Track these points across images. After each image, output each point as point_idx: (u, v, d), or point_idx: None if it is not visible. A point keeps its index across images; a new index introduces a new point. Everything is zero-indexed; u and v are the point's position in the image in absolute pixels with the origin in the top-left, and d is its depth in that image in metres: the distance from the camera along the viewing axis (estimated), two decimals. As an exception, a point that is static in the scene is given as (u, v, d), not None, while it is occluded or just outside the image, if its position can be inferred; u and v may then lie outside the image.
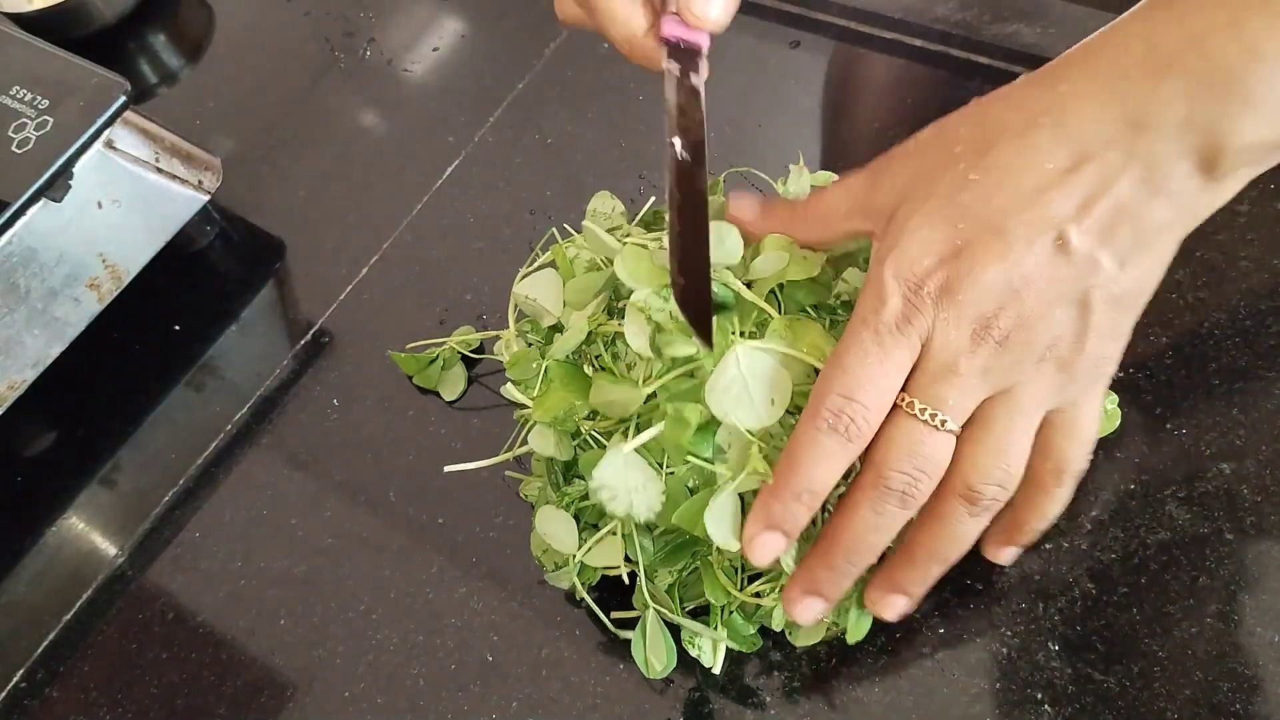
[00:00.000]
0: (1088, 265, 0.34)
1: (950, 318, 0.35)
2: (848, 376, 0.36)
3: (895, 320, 0.35)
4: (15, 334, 0.53)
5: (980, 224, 0.35)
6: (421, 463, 0.51)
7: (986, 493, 0.36)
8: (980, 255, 0.34)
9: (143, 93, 0.70)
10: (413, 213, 0.60)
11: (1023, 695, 0.41)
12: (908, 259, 0.35)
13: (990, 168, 0.35)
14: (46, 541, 0.53)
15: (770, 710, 0.42)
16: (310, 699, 0.46)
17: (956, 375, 0.35)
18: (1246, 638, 0.41)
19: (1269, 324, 0.47)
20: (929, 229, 0.35)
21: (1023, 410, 0.36)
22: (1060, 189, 0.34)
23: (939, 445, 0.36)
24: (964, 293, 0.34)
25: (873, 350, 0.35)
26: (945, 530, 0.38)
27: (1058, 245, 0.34)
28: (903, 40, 0.60)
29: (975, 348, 0.35)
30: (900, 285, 0.35)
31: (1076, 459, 0.38)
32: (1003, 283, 0.34)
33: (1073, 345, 0.35)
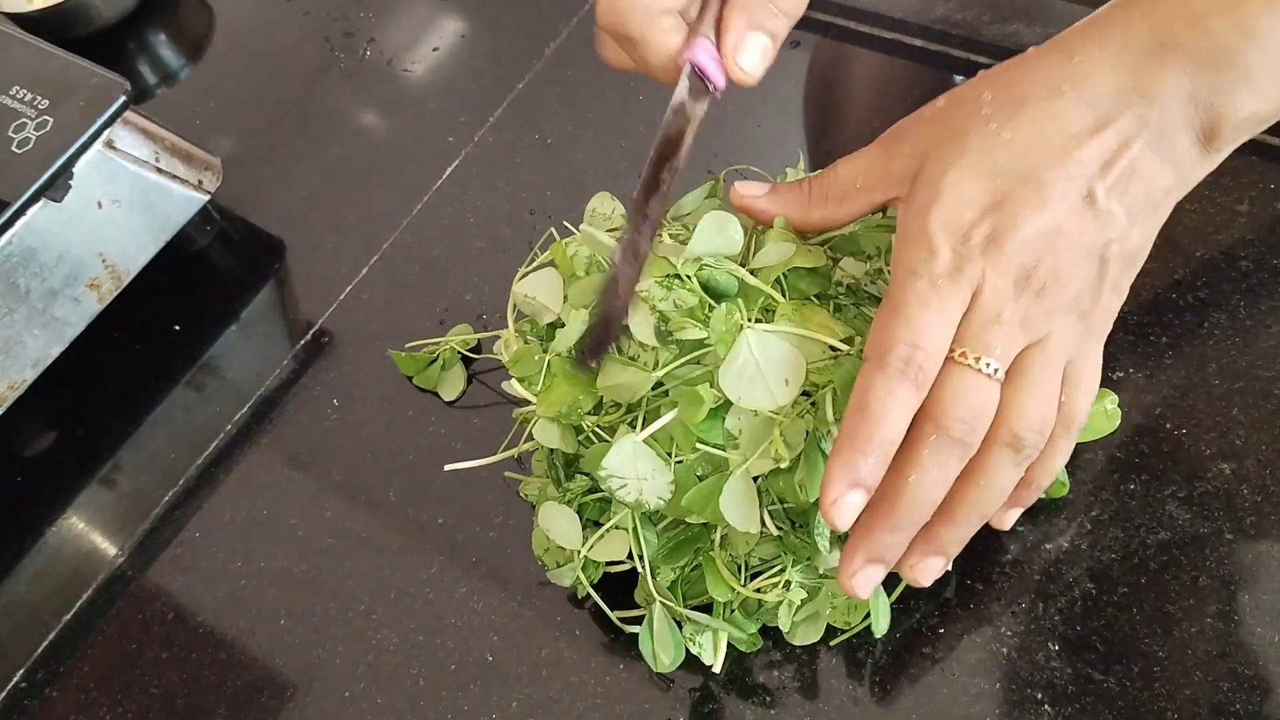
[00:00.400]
0: (1109, 220, 0.36)
1: (998, 267, 0.36)
2: (913, 325, 0.36)
3: (948, 269, 0.36)
4: (15, 334, 0.53)
5: (1018, 177, 0.36)
6: (421, 463, 0.51)
7: (1030, 439, 0.37)
8: (1021, 207, 0.36)
9: (143, 93, 0.71)
10: (413, 213, 0.60)
11: (1023, 695, 0.41)
12: (951, 210, 0.37)
13: (1021, 126, 0.37)
14: (46, 541, 0.53)
15: (770, 710, 0.42)
16: (310, 699, 0.46)
17: (1001, 324, 0.36)
18: (1246, 638, 0.41)
19: (1269, 324, 0.47)
20: (969, 182, 0.37)
21: (1054, 360, 0.37)
22: (1087, 148, 0.36)
23: (989, 393, 0.36)
24: (1010, 243, 0.36)
25: (931, 299, 0.36)
26: (990, 482, 0.37)
27: (1086, 200, 0.36)
28: (903, 40, 0.60)
29: (1019, 296, 0.36)
30: (948, 236, 0.36)
31: (1083, 410, 0.38)
32: (1042, 234, 0.36)
33: (1093, 297, 0.37)
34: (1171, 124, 0.36)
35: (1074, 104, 0.37)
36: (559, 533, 0.42)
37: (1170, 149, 0.36)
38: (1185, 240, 0.50)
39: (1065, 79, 0.37)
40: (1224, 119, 0.35)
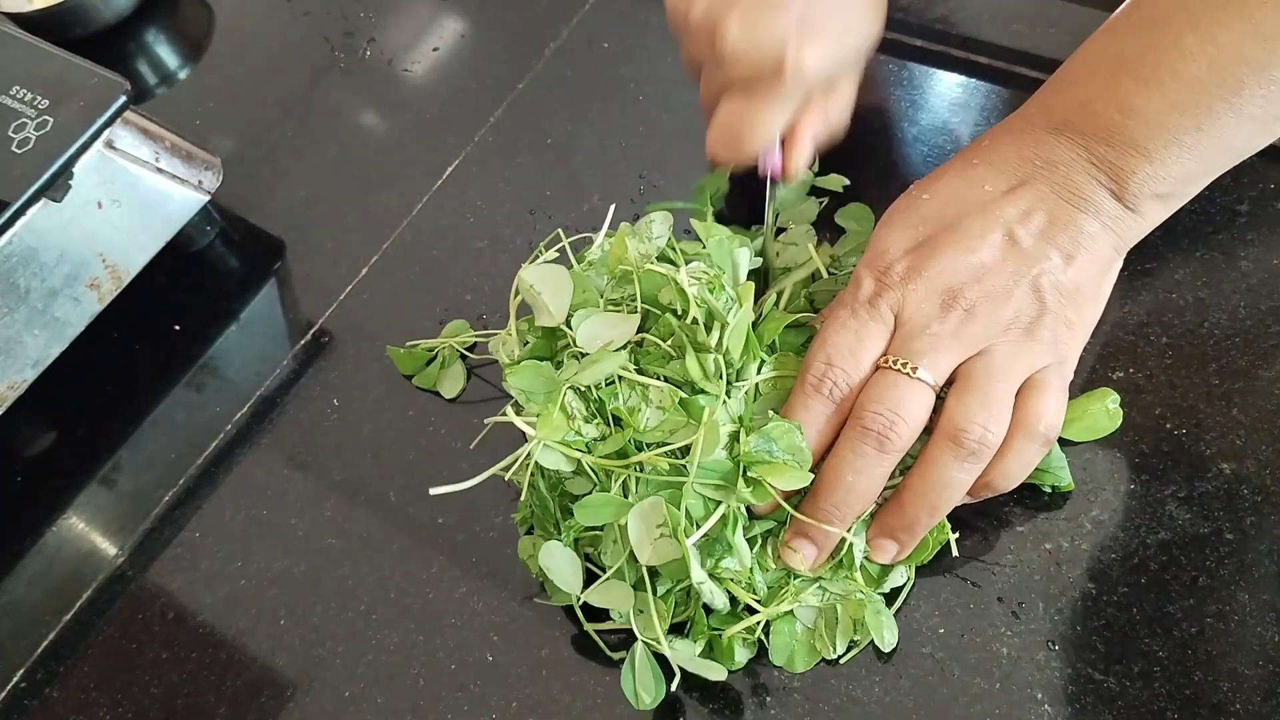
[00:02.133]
0: (1037, 254, 0.40)
1: (919, 290, 0.40)
2: (827, 346, 0.41)
3: (868, 298, 0.41)
4: (15, 334, 0.53)
5: (939, 223, 0.42)
6: (421, 463, 0.51)
7: (972, 433, 0.39)
8: (941, 243, 0.41)
9: (143, 93, 0.71)
10: (413, 213, 0.60)
11: (1023, 695, 0.41)
12: (876, 253, 0.42)
13: (940, 190, 0.43)
14: (46, 541, 0.53)
15: (770, 710, 0.42)
16: (310, 699, 0.46)
17: (929, 334, 0.40)
18: (1246, 638, 0.41)
19: (1269, 324, 0.47)
20: (894, 231, 0.42)
21: (999, 366, 0.40)
22: (1003, 201, 0.41)
23: (914, 392, 0.39)
24: (928, 269, 0.40)
25: (849, 322, 0.41)
26: (932, 476, 0.40)
27: (1007, 239, 0.41)
28: (903, 40, 0.60)
29: (945, 314, 0.40)
30: (870, 272, 0.42)
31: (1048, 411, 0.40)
32: (963, 265, 0.40)
33: (1034, 319, 0.40)
34: (1079, 182, 0.41)
35: (986, 171, 0.42)
36: (559, 574, 0.43)
37: (1084, 200, 0.41)
38: (1185, 240, 0.50)
39: (977, 156, 0.43)
40: (1126, 182, 0.40)
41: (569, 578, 0.43)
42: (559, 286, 0.45)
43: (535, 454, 0.41)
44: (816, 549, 0.41)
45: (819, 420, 0.41)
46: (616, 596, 0.42)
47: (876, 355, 0.41)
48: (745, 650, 0.43)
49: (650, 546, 0.40)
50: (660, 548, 0.40)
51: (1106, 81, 0.40)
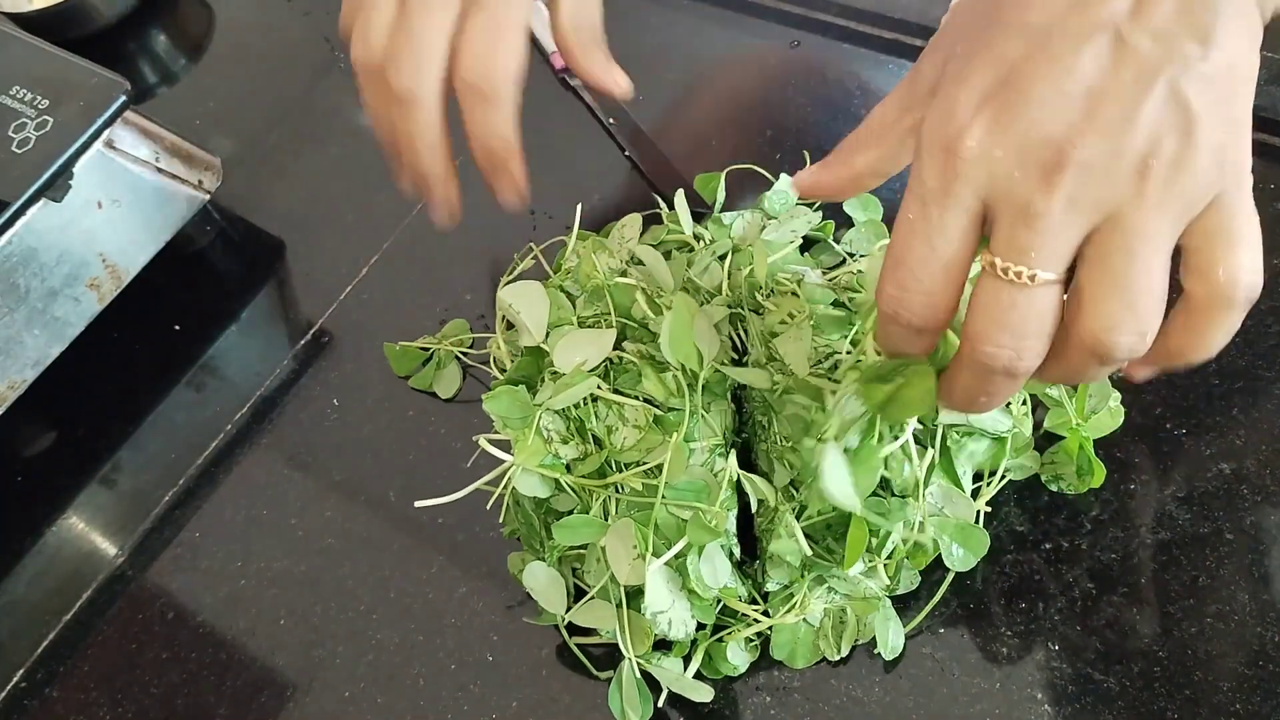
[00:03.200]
0: (1163, 54, 0.29)
1: (1007, 155, 0.30)
2: (899, 268, 0.32)
3: (938, 184, 0.31)
4: (15, 334, 0.53)
5: (1018, 45, 0.30)
6: (421, 463, 0.51)
7: (1122, 344, 0.31)
8: (1025, 80, 0.30)
9: (143, 93, 0.71)
10: (413, 213, 0.60)
11: (1023, 695, 0.41)
12: (940, 118, 0.31)
13: (1033, 3, 0.31)
14: (46, 541, 0.53)
15: (770, 710, 0.42)
16: (310, 699, 0.46)
17: (1035, 217, 0.30)
18: (1247, 637, 0.41)
19: (1269, 324, 0.47)
20: (964, 83, 0.31)
21: (1140, 234, 0.30)
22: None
23: (1035, 303, 0.31)
24: (1015, 122, 0.30)
25: (918, 226, 0.31)
26: (1076, 374, 0.33)
27: (1117, 44, 0.29)
28: (903, 40, 0.60)
29: (1050, 178, 0.30)
30: (936, 146, 0.31)
31: (1245, 266, 0.31)
32: (1060, 98, 0.30)
33: (1181, 142, 0.29)
34: None
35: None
36: (543, 595, 0.43)
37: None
38: (1185, 240, 0.50)
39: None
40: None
41: (553, 598, 0.43)
42: (535, 304, 0.45)
43: (514, 479, 0.41)
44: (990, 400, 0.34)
45: (914, 349, 0.33)
46: (600, 616, 0.42)
47: (965, 251, 0.32)
48: (747, 654, 0.43)
49: (628, 566, 0.39)
50: (638, 568, 0.39)
51: None
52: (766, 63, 0.61)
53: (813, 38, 0.62)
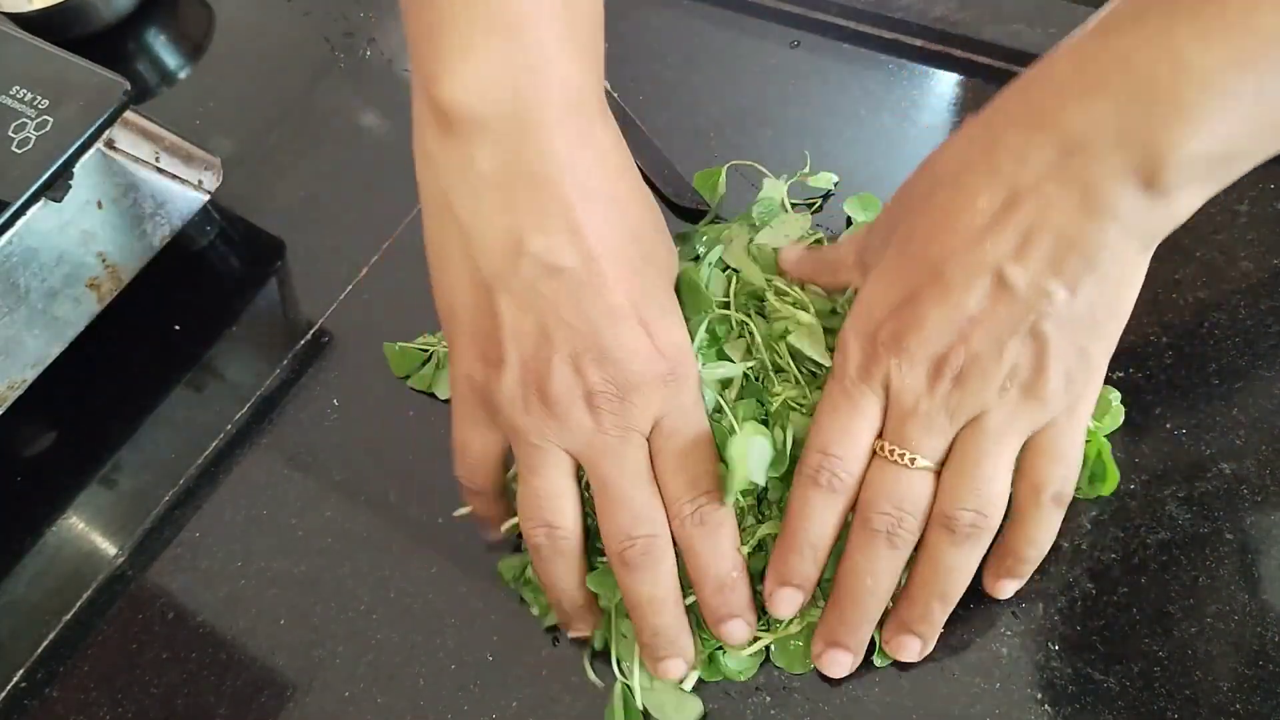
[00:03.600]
0: (1033, 297, 0.35)
1: (904, 363, 0.37)
2: (822, 433, 0.39)
3: (857, 373, 0.38)
4: (15, 334, 0.53)
5: (924, 271, 0.37)
6: (421, 463, 0.51)
7: (963, 519, 0.38)
8: (924, 300, 0.36)
9: (143, 93, 0.70)
10: (413, 213, 0.60)
11: (1023, 695, 0.41)
12: (863, 314, 0.39)
13: (930, 211, 0.37)
14: (46, 541, 0.53)
15: (770, 710, 0.42)
16: (310, 699, 0.46)
17: (918, 414, 0.37)
18: (1246, 638, 0.41)
19: (1269, 324, 0.47)
20: (883, 283, 0.38)
21: (992, 435, 0.37)
22: (996, 229, 0.35)
23: (915, 484, 0.38)
24: (911, 338, 0.37)
25: (841, 404, 0.38)
26: (934, 563, 0.39)
27: (997, 284, 0.35)
28: (903, 40, 0.60)
29: (934, 385, 0.37)
30: (857, 338, 0.38)
31: (1054, 478, 0.39)
32: (947, 325, 0.36)
33: (1034, 372, 0.36)
34: (1101, 174, 0.33)
35: (984, 178, 0.35)
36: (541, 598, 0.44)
37: (1104, 203, 0.34)
38: (1185, 240, 0.50)
39: (980, 144, 0.36)
40: (1163, 158, 0.32)
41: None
42: None
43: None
44: (852, 654, 0.41)
45: (822, 514, 0.39)
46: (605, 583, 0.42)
47: (872, 434, 0.39)
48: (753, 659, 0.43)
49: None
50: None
51: (1158, 28, 0.32)
52: (766, 63, 0.61)
53: (813, 38, 0.62)
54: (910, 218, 0.38)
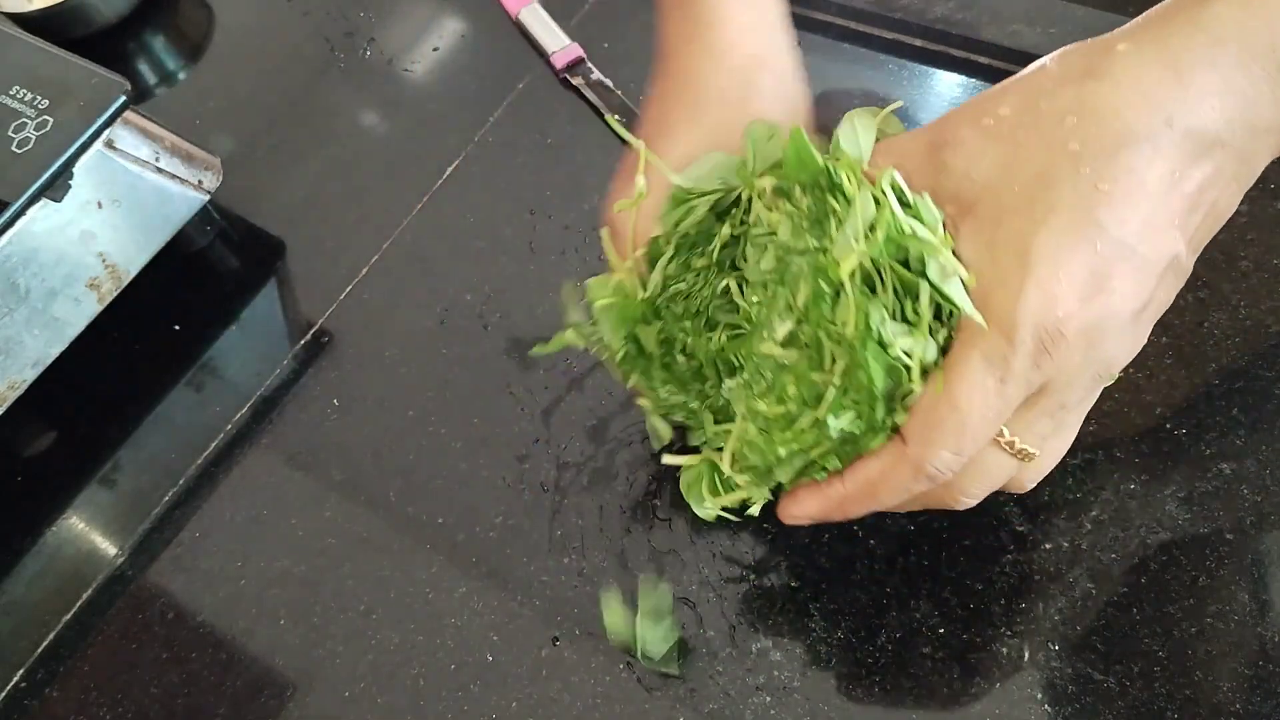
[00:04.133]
0: (1183, 274, 0.33)
1: (1083, 363, 0.32)
2: (965, 433, 0.33)
3: (1026, 370, 0.32)
4: (15, 334, 0.53)
5: (1119, 251, 0.31)
6: (421, 463, 0.51)
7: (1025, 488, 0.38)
8: (1123, 295, 0.31)
9: (143, 93, 0.70)
10: (413, 213, 0.60)
11: (1023, 695, 0.41)
12: (1048, 299, 0.31)
13: (1120, 176, 0.31)
14: (46, 541, 0.53)
15: (770, 710, 0.42)
16: (310, 699, 0.46)
17: (1061, 410, 0.34)
18: (1246, 638, 0.41)
19: (1269, 324, 0.47)
20: (1068, 255, 0.31)
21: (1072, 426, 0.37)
22: (1186, 204, 0.31)
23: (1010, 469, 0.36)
24: (1105, 342, 0.32)
25: (995, 404, 0.32)
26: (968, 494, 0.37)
27: (1173, 266, 0.32)
28: (903, 40, 0.60)
29: (1089, 394, 0.34)
30: (1034, 330, 0.31)
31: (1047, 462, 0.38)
32: (1129, 329, 0.32)
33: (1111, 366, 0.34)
34: (1264, 156, 0.32)
35: (1176, 146, 0.31)
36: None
37: (1251, 179, 0.32)
38: (1185, 240, 0.50)
39: (1168, 106, 0.31)
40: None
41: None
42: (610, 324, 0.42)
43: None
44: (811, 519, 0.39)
45: (904, 493, 0.35)
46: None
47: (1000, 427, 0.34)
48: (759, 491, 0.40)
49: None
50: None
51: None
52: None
53: (813, 38, 0.62)
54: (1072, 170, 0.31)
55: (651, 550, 0.47)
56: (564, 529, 0.48)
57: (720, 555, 0.46)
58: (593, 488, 0.49)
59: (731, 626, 0.44)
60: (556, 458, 0.50)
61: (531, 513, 0.49)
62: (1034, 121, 0.32)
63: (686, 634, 0.45)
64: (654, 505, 0.48)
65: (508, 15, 0.67)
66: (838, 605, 0.44)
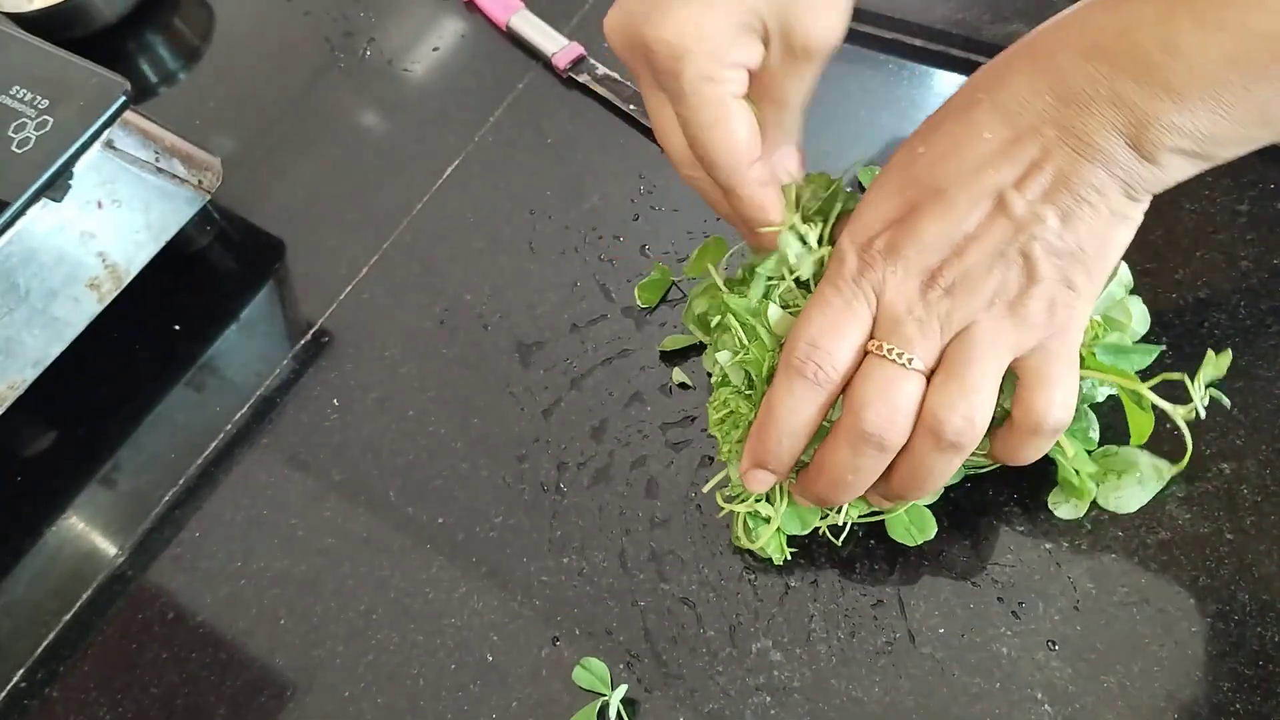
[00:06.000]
0: (1028, 221, 0.37)
1: (899, 270, 0.38)
2: (811, 325, 0.39)
3: (851, 275, 0.39)
4: (15, 334, 0.53)
5: (925, 188, 0.38)
6: (421, 463, 0.51)
7: (952, 424, 0.38)
8: (924, 215, 0.38)
9: (143, 93, 0.70)
10: (413, 213, 0.60)
11: (1023, 695, 0.41)
12: (860, 225, 0.39)
13: (936, 140, 0.39)
14: (46, 541, 0.53)
15: (770, 710, 0.42)
16: (310, 699, 0.46)
17: (911, 319, 0.38)
18: (1246, 638, 0.41)
19: (1269, 324, 0.47)
20: (879, 197, 0.39)
21: (980, 346, 0.38)
22: (1001, 158, 0.37)
23: (909, 385, 0.38)
24: (908, 247, 0.38)
25: (833, 300, 0.39)
26: (913, 465, 0.39)
27: (996, 205, 0.37)
28: (902, 40, 0.60)
29: (925, 294, 0.38)
30: (853, 245, 0.39)
31: (1045, 407, 0.39)
32: (944, 239, 0.38)
33: (1021, 291, 0.37)
34: (1094, 126, 0.36)
35: (989, 113, 0.37)
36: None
37: (1096, 150, 0.36)
38: (1185, 240, 0.50)
39: (983, 88, 0.38)
40: (1149, 126, 0.35)
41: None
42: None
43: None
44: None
45: (804, 405, 0.39)
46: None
47: (862, 336, 0.39)
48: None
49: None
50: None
51: (1159, 11, 0.35)
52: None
53: (813, 38, 0.61)
54: (911, 142, 0.40)
55: (651, 550, 0.47)
56: (564, 529, 0.48)
57: (720, 555, 0.46)
58: (593, 488, 0.49)
59: (731, 626, 0.44)
60: (556, 458, 0.50)
61: (531, 513, 0.49)
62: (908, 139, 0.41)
63: (686, 633, 0.45)
64: (654, 505, 0.48)
65: (496, 27, 0.67)
66: (838, 605, 0.44)
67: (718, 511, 0.47)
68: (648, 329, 0.53)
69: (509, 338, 0.54)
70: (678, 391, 0.51)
